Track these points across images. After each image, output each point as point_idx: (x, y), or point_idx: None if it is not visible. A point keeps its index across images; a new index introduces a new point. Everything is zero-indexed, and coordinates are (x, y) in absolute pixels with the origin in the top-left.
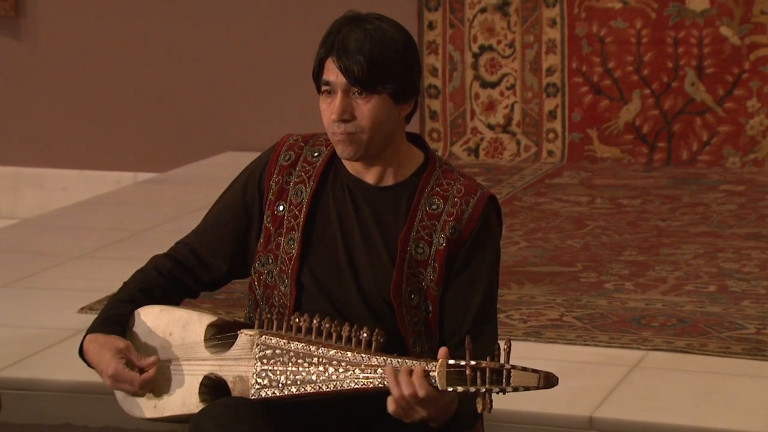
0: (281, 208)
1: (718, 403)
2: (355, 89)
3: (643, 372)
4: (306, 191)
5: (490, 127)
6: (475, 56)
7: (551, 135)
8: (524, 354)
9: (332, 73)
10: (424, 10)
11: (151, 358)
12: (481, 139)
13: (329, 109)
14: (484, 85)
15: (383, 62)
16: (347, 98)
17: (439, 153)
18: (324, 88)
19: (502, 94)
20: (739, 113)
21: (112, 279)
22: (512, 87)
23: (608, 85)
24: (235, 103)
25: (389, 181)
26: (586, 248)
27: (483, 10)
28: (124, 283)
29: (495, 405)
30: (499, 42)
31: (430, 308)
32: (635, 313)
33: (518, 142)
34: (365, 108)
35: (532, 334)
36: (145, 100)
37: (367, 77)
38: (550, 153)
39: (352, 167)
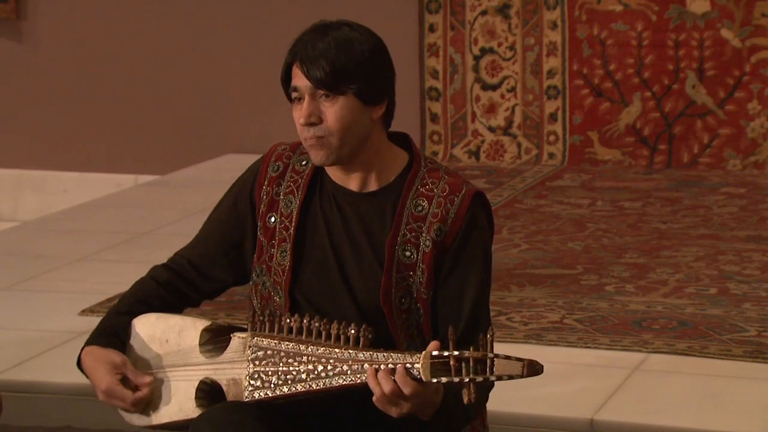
0: (272, 219)
1: (719, 405)
2: (321, 92)
3: (644, 375)
4: (295, 202)
5: (491, 129)
6: (476, 59)
7: (552, 137)
8: (525, 356)
9: (298, 79)
10: (425, 12)
11: (147, 378)
12: (482, 142)
13: (298, 114)
14: (485, 87)
15: (346, 63)
16: (314, 101)
17: (440, 155)
18: (293, 95)
19: (502, 96)
20: (739, 116)
21: (112, 282)
22: (513, 89)
23: (609, 87)
24: (235, 105)
25: (373, 186)
26: (586, 251)
27: (484, 13)
28: (123, 295)
29: (496, 407)
30: (499, 44)
31: (421, 311)
32: (636, 316)
33: (519, 145)
34: (331, 110)
35: (533, 337)
36: (145, 103)
37: (330, 78)
38: (551, 155)
39: (335, 175)
